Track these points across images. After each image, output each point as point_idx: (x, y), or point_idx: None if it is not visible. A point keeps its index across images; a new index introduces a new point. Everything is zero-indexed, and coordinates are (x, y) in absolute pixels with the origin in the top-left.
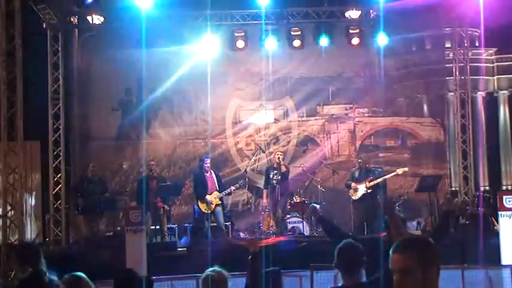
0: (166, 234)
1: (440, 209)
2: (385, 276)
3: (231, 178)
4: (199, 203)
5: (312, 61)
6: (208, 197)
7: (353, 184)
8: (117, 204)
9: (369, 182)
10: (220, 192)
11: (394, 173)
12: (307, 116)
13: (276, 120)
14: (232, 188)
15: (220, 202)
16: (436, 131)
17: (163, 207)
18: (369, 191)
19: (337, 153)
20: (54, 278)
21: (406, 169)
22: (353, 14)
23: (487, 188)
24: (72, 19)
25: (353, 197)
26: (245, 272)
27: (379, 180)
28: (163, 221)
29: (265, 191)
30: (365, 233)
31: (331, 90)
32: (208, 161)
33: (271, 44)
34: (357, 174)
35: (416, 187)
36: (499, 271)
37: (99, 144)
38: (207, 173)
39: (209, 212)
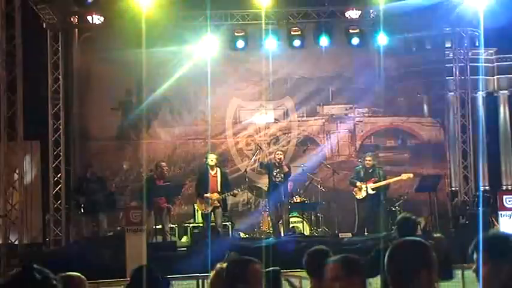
0: (168, 234)
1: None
2: None
3: (231, 178)
4: (197, 202)
5: (312, 61)
6: (207, 195)
7: (358, 183)
8: (117, 204)
9: (374, 183)
10: (221, 194)
11: (399, 178)
12: (307, 116)
13: (276, 120)
14: (235, 191)
15: (219, 204)
16: (436, 131)
17: (167, 207)
18: (373, 192)
19: (337, 153)
20: None
21: (411, 175)
22: (353, 14)
23: (487, 188)
24: (72, 19)
25: (357, 196)
26: None
27: (383, 183)
28: (166, 220)
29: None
30: (365, 233)
31: (331, 90)
32: (213, 157)
33: (271, 44)
34: (362, 173)
35: (416, 187)
36: None
37: (99, 144)
38: (212, 170)
39: (204, 211)
